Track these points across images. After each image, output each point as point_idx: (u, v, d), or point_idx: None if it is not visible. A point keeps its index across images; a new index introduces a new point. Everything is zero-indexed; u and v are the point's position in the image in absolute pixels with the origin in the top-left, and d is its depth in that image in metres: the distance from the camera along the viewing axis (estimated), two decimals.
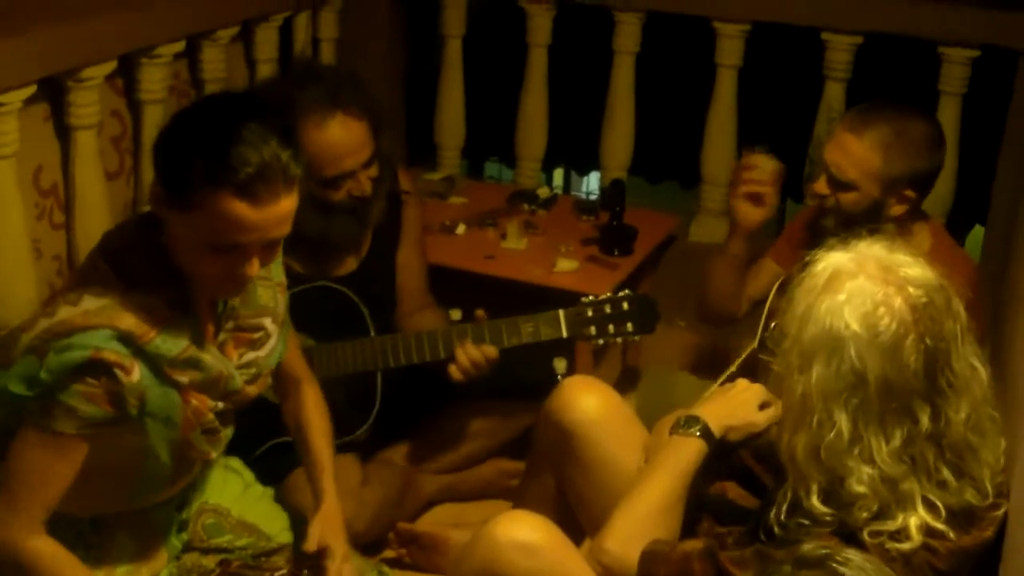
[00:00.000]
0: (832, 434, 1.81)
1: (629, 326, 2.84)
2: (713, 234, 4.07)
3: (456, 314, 3.51)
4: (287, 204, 2.00)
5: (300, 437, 2.52)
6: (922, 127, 2.75)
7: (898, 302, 1.81)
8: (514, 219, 3.72)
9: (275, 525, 2.54)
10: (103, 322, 2.00)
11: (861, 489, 1.81)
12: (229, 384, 2.19)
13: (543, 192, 4.01)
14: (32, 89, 2.72)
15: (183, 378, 2.10)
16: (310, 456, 2.49)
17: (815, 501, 1.85)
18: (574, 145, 4.59)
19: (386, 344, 2.90)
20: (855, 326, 1.79)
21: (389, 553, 2.94)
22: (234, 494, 2.53)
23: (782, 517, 1.91)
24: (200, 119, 2.05)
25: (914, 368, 1.80)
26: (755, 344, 2.91)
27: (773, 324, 2.02)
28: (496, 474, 3.23)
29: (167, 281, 2.09)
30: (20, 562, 2.09)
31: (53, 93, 2.89)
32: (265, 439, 2.83)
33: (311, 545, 2.33)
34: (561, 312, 2.84)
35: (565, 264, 3.48)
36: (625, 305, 2.83)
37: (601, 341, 2.88)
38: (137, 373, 2.03)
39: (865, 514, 1.82)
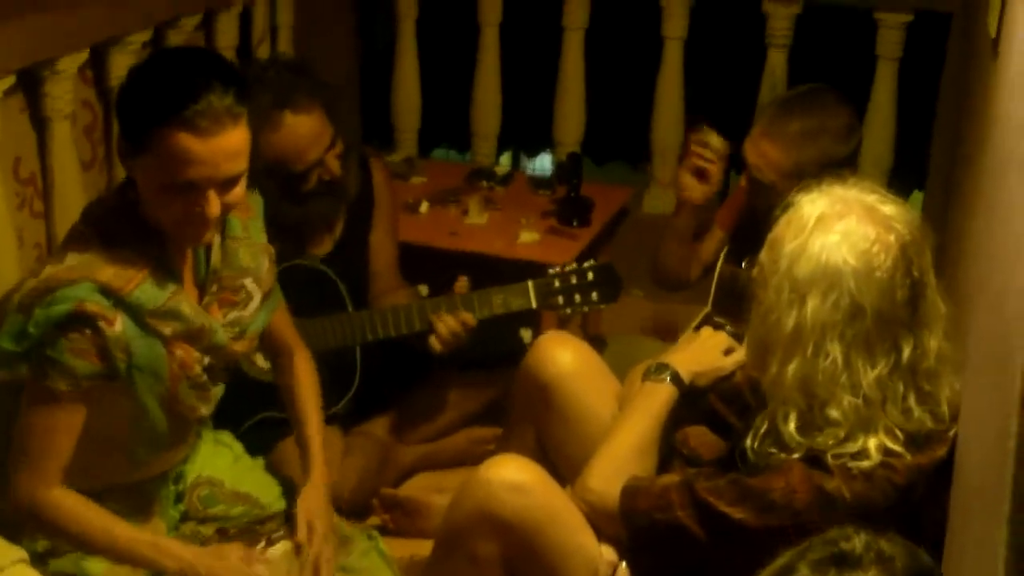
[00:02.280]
0: (827, 362, 1.93)
1: (594, 295, 2.96)
2: (665, 205, 4.20)
3: (424, 290, 3.63)
4: (234, 138, 2.11)
5: (291, 409, 2.61)
6: (835, 119, 2.85)
7: (890, 239, 1.94)
8: (474, 196, 3.84)
9: (269, 494, 2.63)
10: (84, 275, 2.12)
11: (836, 415, 1.95)
12: (213, 338, 2.28)
13: (500, 169, 4.14)
14: (11, 80, 2.79)
15: (166, 329, 2.20)
16: (299, 428, 2.58)
17: (791, 428, 1.98)
18: (522, 127, 4.70)
19: (364, 319, 3.01)
20: (853, 262, 1.92)
21: (374, 519, 3.04)
22: (226, 465, 2.62)
23: (756, 445, 2.05)
24: (150, 70, 2.20)
25: (902, 300, 1.94)
26: (708, 308, 3.06)
27: (746, 265, 2.14)
28: (470, 442, 3.34)
29: (146, 239, 2.20)
30: (39, 514, 2.20)
31: (28, 85, 2.95)
32: (252, 414, 2.94)
33: (300, 535, 2.42)
34: (531, 283, 2.96)
35: (527, 236, 3.61)
36: (590, 275, 2.96)
37: (569, 310, 3.00)
38: (120, 324, 2.13)
39: (832, 440, 1.96)
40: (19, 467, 2.20)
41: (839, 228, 1.95)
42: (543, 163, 5.25)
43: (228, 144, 2.10)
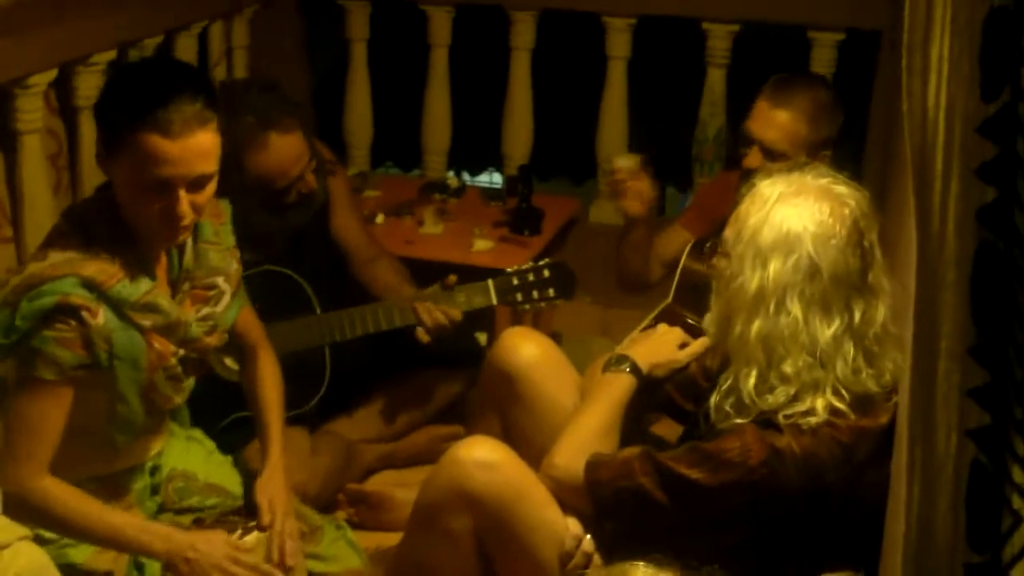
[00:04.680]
0: (788, 319, 2.12)
1: (551, 291, 3.11)
2: (611, 216, 4.34)
3: None
4: (203, 139, 2.23)
5: (252, 400, 2.74)
6: (829, 93, 3.10)
7: (844, 212, 2.14)
8: (428, 207, 3.98)
9: (240, 486, 2.74)
10: (68, 271, 2.23)
11: (790, 371, 2.12)
12: (188, 332, 2.40)
13: (452, 182, 4.28)
14: None
15: (145, 321, 2.31)
16: (259, 418, 2.71)
17: (750, 385, 2.15)
18: (466, 146, 4.84)
19: (331, 320, 3.14)
20: (812, 228, 2.11)
21: (340, 514, 3.15)
22: (199, 460, 2.73)
23: (718, 401, 2.22)
24: (123, 79, 2.36)
25: (854, 267, 2.13)
26: (669, 299, 3.21)
27: (710, 242, 2.31)
28: (430, 440, 3.45)
29: (124, 239, 2.31)
30: (30, 504, 2.27)
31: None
32: (225, 415, 3.04)
33: (266, 519, 2.52)
34: (491, 281, 3.10)
35: (481, 244, 3.76)
36: (546, 272, 3.11)
37: (527, 306, 3.14)
38: (102, 316, 2.25)
39: (782, 398, 2.13)
40: (6, 458, 2.26)
41: (798, 203, 2.15)
42: (487, 181, 5.39)
43: (197, 145, 2.22)
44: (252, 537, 2.54)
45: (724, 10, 4.23)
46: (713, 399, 2.24)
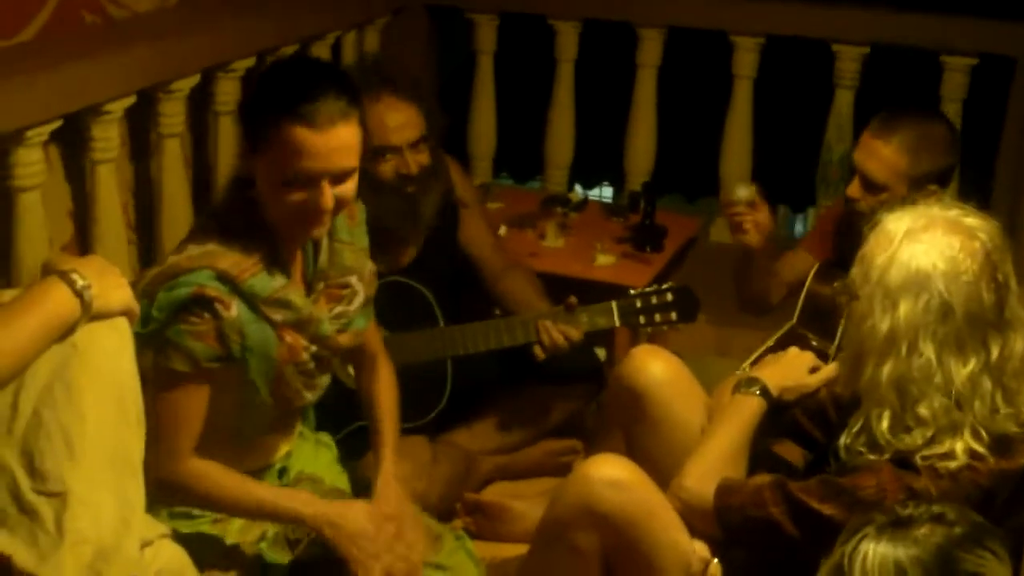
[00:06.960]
0: (921, 361, 2.07)
1: (673, 315, 3.11)
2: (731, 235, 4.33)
3: None
4: (346, 133, 2.27)
5: (369, 410, 2.76)
6: (940, 128, 3.04)
7: (975, 246, 2.08)
8: (550, 221, 4.00)
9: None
10: (204, 263, 2.29)
11: (926, 414, 2.08)
12: (319, 328, 2.44)
13: (574, 196, 4.30)
14: (132, 99, 2.99)
15: (276, 316, 2.36)
16: (374, 429, 2.73)
17: (884, 427, 2.12)
18: (581, 160, 4.85)
19: (454, 334, 3.17)
20: (942, 266, 2.06)
21: (457, 523, 3.17)
22: (326, 464, 2.77)
23: (849, 442, 2.19)
24: (271, 77, 2.40)
25: (989, 303, 2.08)
26: (793, 321, 3.19)
27: (837, 284, 2.28)
28: (546, 454, 3.48)
29: (261, 235, 2.36)
30: (180, 484, 2.38)
31: (134, 113, 3.15)
32: (350, 422, 3.08)
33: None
34: (614, 303, 3.11)
35: (603, 259, 3.77)
36: (669, 296, 3.11)
37: (650, 329, 3.16)
38: (235, 309, 2.30)
39: (920, 440, 2.09)
40: (154, 447, 2.25)
41: (926, 239, 2.10)
42: (597, 195, 5.40)
43: (341, 138, 2.27)
44: None
45: (855, 32, 4.20)
46: (843, 439, 2.22)
